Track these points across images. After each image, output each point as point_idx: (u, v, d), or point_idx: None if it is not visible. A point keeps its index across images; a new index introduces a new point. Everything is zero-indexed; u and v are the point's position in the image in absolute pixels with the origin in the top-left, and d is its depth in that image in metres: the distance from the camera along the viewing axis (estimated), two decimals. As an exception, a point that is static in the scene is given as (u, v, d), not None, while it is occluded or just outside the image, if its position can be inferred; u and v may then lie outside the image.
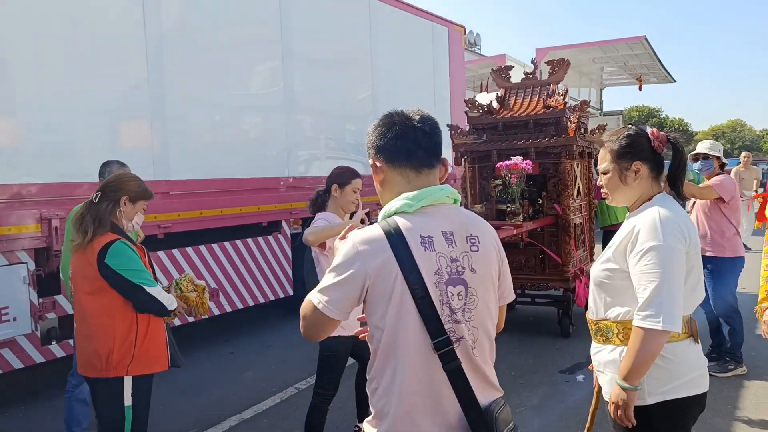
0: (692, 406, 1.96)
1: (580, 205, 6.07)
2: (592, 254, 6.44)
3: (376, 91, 7.78)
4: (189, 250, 5.50)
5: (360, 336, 1.72)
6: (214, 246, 5.71)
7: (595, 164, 6.54)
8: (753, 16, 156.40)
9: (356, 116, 7.63)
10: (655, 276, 1.83)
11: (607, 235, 7.38)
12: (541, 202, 5.75)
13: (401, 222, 1.50)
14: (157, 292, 2.57)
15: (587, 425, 2.29)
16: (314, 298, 1.54)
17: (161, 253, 5.21)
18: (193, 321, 5.37)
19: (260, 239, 6.18)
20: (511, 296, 1.73)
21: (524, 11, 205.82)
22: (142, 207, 2.73)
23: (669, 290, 1.81)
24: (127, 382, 2.54)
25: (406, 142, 1.57)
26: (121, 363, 2.52)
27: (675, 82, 19.36)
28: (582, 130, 5.94)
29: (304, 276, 6.63)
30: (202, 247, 5.60)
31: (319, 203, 3.42)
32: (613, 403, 1.93)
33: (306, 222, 6.69)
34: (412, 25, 8.45)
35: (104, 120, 4.84)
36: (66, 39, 4.54)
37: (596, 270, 2.05)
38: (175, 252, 5.35)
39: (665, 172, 2.10)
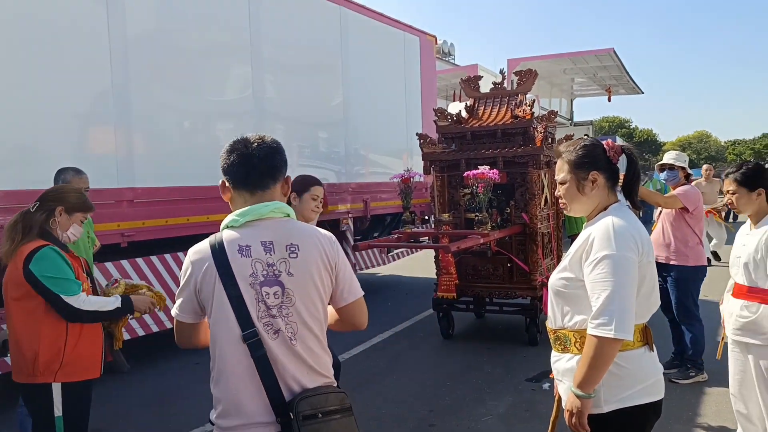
0: (649, 413, 1.98)
1: (548, 214, 6.14)
2: (560, 262, 6.51)
3: (348, 98, 7.78)
4: (154, 258, 5.41)
5: None
6: (180, 255, 5.63)
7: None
8: (719, 31, 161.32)
9: (328, 123, 7.62)
10: (607, 285, 1.85)
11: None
12: (509, 211, 5.80)
13: (226, 235, 1.78)
14: (79, 301, 2.53)
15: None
16: (172, 309, 1.86)
17: (125, 262, 5.12)
18: (157, 331, 5.28)
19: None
20: (354, 295, 1.89)
21: (498, 22, 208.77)
22: (79, 219, 2.75)
23: (621, 299, 1.84)
24: (56, 389, 2.53)
25: (243, 167, 1.80)
26: (48, 369, 2.52)
27: (643, 93, 19.83)
28: (549, 140, 6.01)
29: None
30: (168, 256, 5.51)
31: None
32: (568, 410, 1.95)
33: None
34: (383, 34, 8.49)
35: (66, 125, 4.73)
36: (27, 42, 4.44)
37: (554, 279, 2.07)
38: (140, 261, 5.26)
39: (620, 182, 2.14)
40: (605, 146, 2.06)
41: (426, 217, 9.10)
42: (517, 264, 5.72)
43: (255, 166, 1.80)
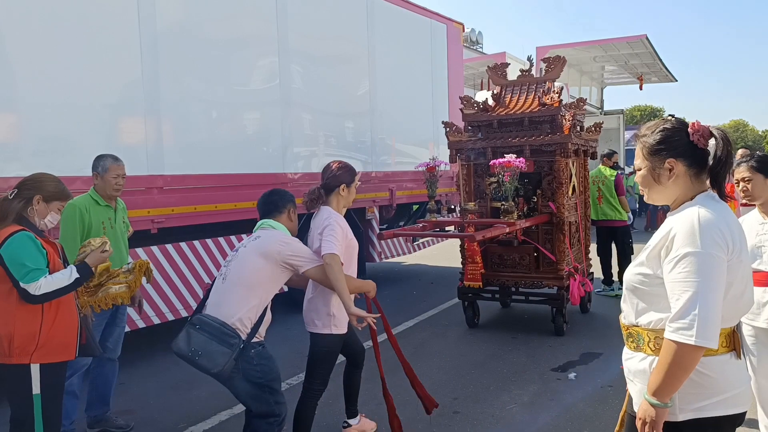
0: (728, 426, 1.80)
1: (575, 203, 6.06)
2: (587, 252, 6.43)
3: (374, 87, 7.77)
4: (183, 245, 5.51)
5: (361, 326, 3.14)
6: (209, 241, 5.72)
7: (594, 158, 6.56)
8: (756, 15, 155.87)
9: (354, 113, 7.63)
10: (689, 285, 1.67)
11: (599, 230, 7.45)
12: (535, 200, 5.74)
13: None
14: (34, 287, 2.57)
15: (616, 429, 2.17)
16: None
17: (155, 248, 5.22)
18: (186, 316, 5.39)
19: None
20: (306, 266, 3.04)
21: (526, 10, 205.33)
22: (56, 207, 2.81)
23: (705, 302, 1.65)
24: (35, 369, 2.62)
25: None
26: (24, 350, 2.60)
27: (676, 81, 19.31)
28: (578, 128, 5.93)
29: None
30: (197, 243, 5.61)
31: (316, 198, 3.38)
32: (640, 418, 1.78)
33: (301, 218, 6.68)
34: (410, 22, 8.44)
35: (98, 115, 4.83)
36: (60, 34, 4.54)
37: (629, 274, 1.90)
38: (169, 247, 5.36)
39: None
40: (689, 129, 1.82)
41: (452, 206, 9.07)
42: (543, 253, 5.67)
43: (259, 207, 3.26)
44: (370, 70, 7.71)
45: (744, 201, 3.18)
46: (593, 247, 6.93)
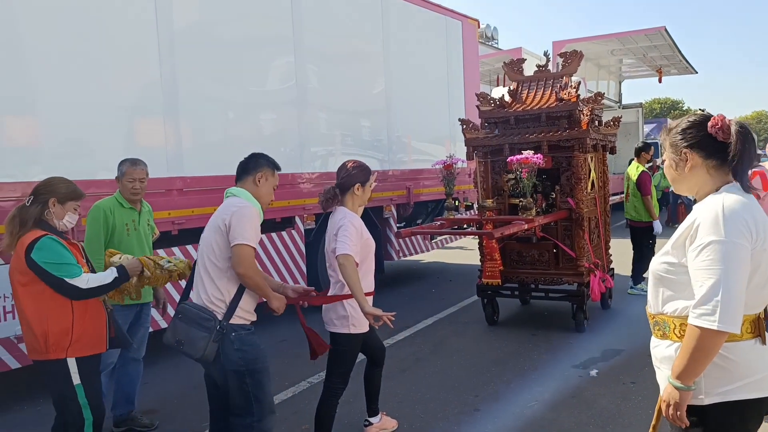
0: (753, 410, 1.84)
1: (594, 199, 6.01)
2: (607, 248, 6.38)
3: (390, 86, 7.77)
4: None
5: (378, 324, 3.03)
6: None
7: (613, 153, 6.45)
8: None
9: (370, 111, 7.64)
10: (713, 273, 1.72)
11: (633, 230, 7.27)
12: (554, 196, 5.70)
13: None
14: (82, 281, 2.75)
15: (653, 423, 2.16)
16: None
17: (175, 249, 5.29)
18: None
19: (273, 235, 6.22)
20: (234, 241, 2.75)
21: (542, 4, 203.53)
22: (72, 207, 2.92)
23: (727, 288, 1.70)
24: (71, 363, 2.78)
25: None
26: (60, 346, 2.75)
27: (696, 73, 19.00)
28: (596, 122, 5.87)
29: (318, 271, 6.68)
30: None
31: (332, 197, 3.39)
32: (665, 401, 1.85)
33: (319, 218, 6.73)
34: (424, 19, 8.42)
35: (118, 118, 4.90)
36: (79, 37, 4.61)
37: (655, 263, 1.96)
38: (189, 248, 5.42)
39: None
40: (709, 123, 1.88)
41: (470, 204, 9.04)
42: (563, 250, 5.63)
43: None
44: (385, 69, 7.72)
45: None
46: (615, 242, 6.87)
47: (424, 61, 8.45)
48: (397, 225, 8.06)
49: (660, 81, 18.44)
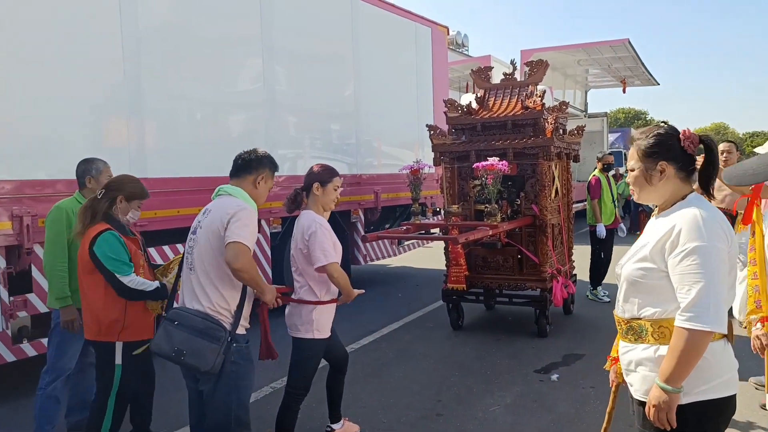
0: (725, 407, 1.91)
1: (558, 206, 6.11)
2: (570, 254, 6.49)
3: (359, 90, 7.78)
4: (165, 248, 5.47)
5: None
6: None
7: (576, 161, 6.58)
8: (736, 22, 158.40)
9: (339, 115, 7.63)
10: (700, 276, 1.79)
11: (591, 235, 7.43)
12: (519, 202, 5.78)
13: None
14: (130, 280, 3.03)
15: (604, 425, 2.19)
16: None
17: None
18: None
19: (239, 238, 6.16)
20: (229, 238, 2.62)
21: (511, 14, 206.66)
22: (136, 205, 3.26)
23: (714, 291, 1.78)
24: (119, 346, 3.10)
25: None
26: (112, 330, 3.07)
27: (658, 84, 19.55)
28: (560, 131, 5.98)
29: (284, 275, 6.63)
30: (179, 246, 5.57)
31: (298, 202, 3.41)
32: (653, 405, 1.86)
33: (286, 221, 6.69)
34: (395, 25, 8.47)
35: (80, 117, 4.79)
36: (41, 34, 4.49)
37: (630, 268, 1.99)
38: (152, 251, 5.32)
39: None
40: (681, 135, 1.97)
41: (437, 209, 9.10)
42: (527, 255, 5.71)
43: (233, 164, 2.94)
44: (355, 73, 7.73)
45: None
46: (578, 248, 7.00)
47: (393, 66, 8.49)
48: (365, 229, 8.06)
49: (624, 91, 18.94)
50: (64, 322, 3.49)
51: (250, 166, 2.88)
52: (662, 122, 2.07)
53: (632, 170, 2.04)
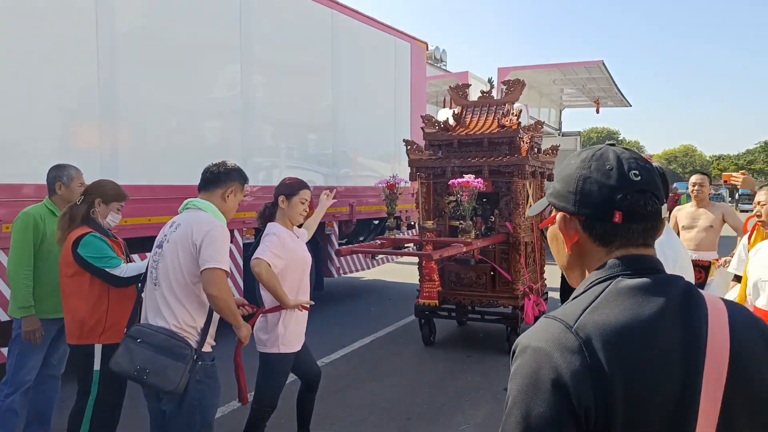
0: None
1: (532, 224, 6.17)
2: (542, 272, 6.55)
3: (337, 102, 7.78)
4: (135, 257, 5.35)
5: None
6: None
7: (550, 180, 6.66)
8: (706, 47, 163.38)
9: (316, 125, 7.62)
10: None
11: None
12: (493, 219, 5.82)
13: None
14: (122, 270, 3.06)
15: None
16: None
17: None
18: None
19: (211, 248, 6.07)
20: (204, 264, 2.55)
21: (490, 31, 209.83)
22: (115, 207, 3.27)
23: None
24: (97, 349, 3.08)
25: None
26: (93, 332, 3.08)
27: (630, 106, 19.97)
28: (535, 149, 6.05)
29: (256, 286, 6.53)
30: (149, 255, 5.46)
31: (267, 215, 3.39)
32: None
33: (259, 233, 6.61)
34: (374, 39, 8.50)
35: (51, 120, 4.68)
36: (13, 35, 4.39)
37: None
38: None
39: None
40: None
41: (412, 222, 9.11)
42: (499, 273, 5.74)
43: (201, 177, 2.85)
44: (333, 84, 7.73)
45: (759, 222, 3.18)
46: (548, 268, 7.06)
47: (372, 80, 8.52)
48: (339, 242, 8.03)
49: (597, 111, 19.29)
50: (26, 332, 3.39)
51: (218, 179, 2.81)
52: (633, 142, 2.08)
53: None
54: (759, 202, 3.10)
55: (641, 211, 1.00)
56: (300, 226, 3.57)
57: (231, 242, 6.28)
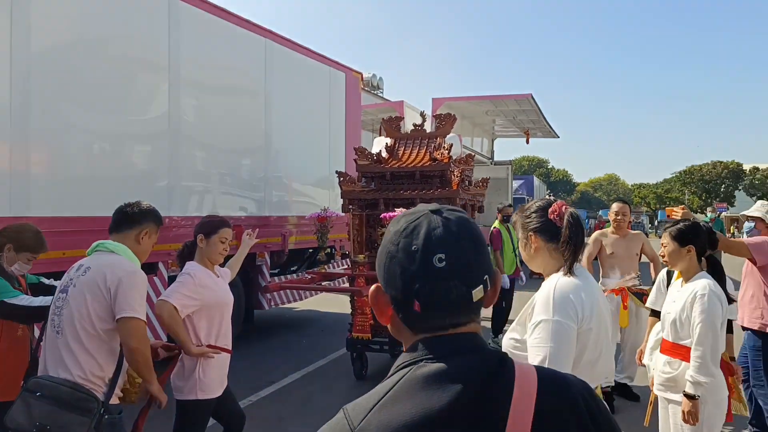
0: None
1: (463, 256, 6.23)
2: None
3: (270, 126, 7.66)
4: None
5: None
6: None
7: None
8: (626, 82, 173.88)
9: (248, 151, 7.46)
10: (540, 351, 1.83)
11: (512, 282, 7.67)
12: (425, 252, 5.83)
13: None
14: (18, 299, 2.85)
15: None
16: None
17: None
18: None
19: (133, 281, 5.77)
20: (120, 313, 2.41)
21: (426, 62, 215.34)
22: (26, 258, 3.07)
23: (552, 366, 1.76)
24: None
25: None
26: None
27: (558, 137, 20.82)
28: (466, 182, 6.14)
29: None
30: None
31: (186, 254, 3.25)
32: None
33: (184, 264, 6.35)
34: (309, 68, 8.47)
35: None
36: None
37: (505, 339, 2.05)
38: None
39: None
40: (549, 209, 2.02)
41: (346, 252, 9.03)
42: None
43: (113, 217, 2.71)
44: (266, 110, 7.61)
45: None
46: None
47: (307, 107, 8.46)
48: (271, 272, 7.84)
49: (527, 142, 20.00)
50: None
51: (132, 220, 2.68)
52: (548, 194, 2.13)
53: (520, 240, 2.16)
54: (663, 244, 3.25)
55: (442, 301, 0.92)
56: (223, 265, 3.43)
57: (155, 275, 6.05)
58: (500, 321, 7.53)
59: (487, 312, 8.03)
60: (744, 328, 4.26)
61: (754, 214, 4.32)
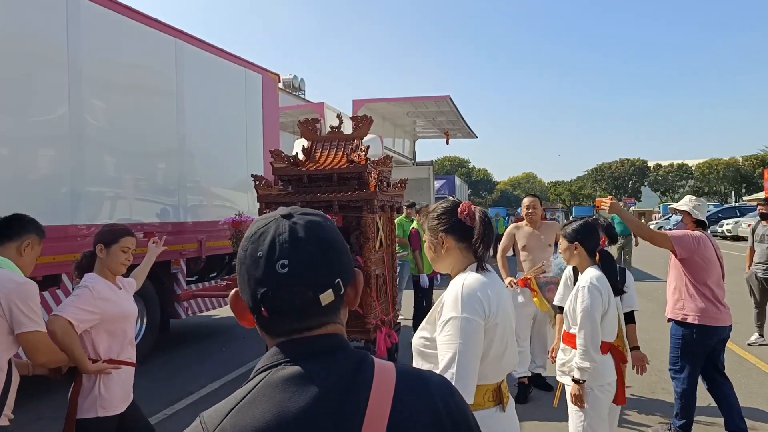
0: None
1: (382, 257, 6.27)
2: (394, 304, 6.66)
3: (183, 127, 7.39)
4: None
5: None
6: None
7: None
8: (539, 85, 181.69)
9: (160, 152, 7.17)
10: (450, 347, 1.86)
11: (416, 284, 7.77)
12: (344, 254, 5.82)
13: None
14: None
15: None
16: None
17: None
18: None
19: (33, 295, 5.40)
20: (18, 328, 2.35)
21: (347, 61, 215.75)
22: None
23: (461, 362, 1.84)
24: None
25: None
26: None
27: (477, 138, 21.42)
28: (384, 184, 6.18)
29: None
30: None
31: (84, 265, 3.06)
32: None
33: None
34: (223, 69, 8.25)
35: None
36: None
37: (415, 338, 2.06)
38: None
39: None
40: (458, 209, 2.07)
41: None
42: (352, 307, 5.73)
43: None
44: (179, 110, 7.35)
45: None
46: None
47: (222, 109, 8.24)
48: (188, 279, 7.57)
49: (447, 143, 20.44)
50: None
51: (12, 230, 2.59)
52: (451, 197, 2.20)
53: (426, 242, 2.17)
54: (559, 243, 3.42)
55: (287, 307, 0.92)
56: (127, 275, 3.26)
57: (59, 287, 5.69)
58: (421, 320, 7.63)
59: (408, 312, 8.13)
60: (669, 319, 4.47)
61: (681, 207, 4.47)
